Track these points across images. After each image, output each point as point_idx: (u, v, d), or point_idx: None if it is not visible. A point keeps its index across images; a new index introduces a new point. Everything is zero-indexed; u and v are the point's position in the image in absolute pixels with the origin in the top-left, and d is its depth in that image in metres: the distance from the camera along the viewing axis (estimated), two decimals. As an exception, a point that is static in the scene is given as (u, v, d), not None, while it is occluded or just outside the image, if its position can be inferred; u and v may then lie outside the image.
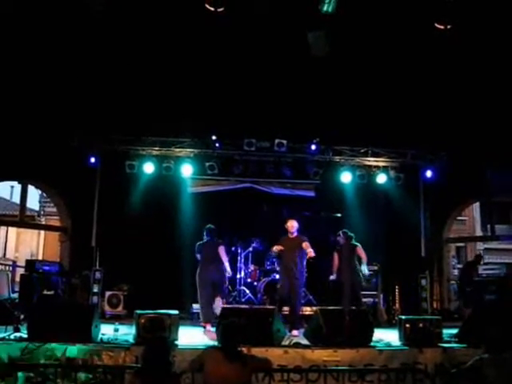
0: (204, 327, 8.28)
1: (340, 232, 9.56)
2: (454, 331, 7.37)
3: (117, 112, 10.76)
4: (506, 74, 9.93)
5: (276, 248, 8.79)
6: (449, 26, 7.85)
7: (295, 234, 8.76)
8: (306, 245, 8.49)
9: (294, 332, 8.13)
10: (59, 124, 10.75)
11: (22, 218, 13.29)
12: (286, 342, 6.88)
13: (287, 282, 8.57)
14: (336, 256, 9.40)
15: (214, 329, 7.77)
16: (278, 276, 9.87)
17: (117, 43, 9.72)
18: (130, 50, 9.94)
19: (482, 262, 11.96)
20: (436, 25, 7.90)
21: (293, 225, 8.76)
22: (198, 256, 8.69)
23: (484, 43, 9.40)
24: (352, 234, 9.48)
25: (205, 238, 8.76)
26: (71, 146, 10.67)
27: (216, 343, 5.44)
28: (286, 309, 8.78)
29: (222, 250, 8.65)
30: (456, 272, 13.80)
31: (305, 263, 8.64)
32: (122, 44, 9.77)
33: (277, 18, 9.15)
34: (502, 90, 10.35)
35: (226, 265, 8.66)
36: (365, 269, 9.33)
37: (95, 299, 10.13)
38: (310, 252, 8.38)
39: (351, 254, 9.27)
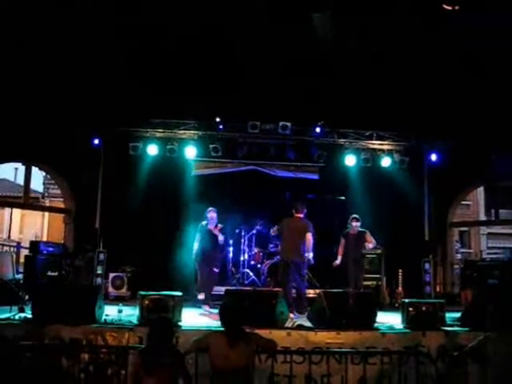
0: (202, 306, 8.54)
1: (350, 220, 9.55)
2: (457, 315, 7.37)
3: (121, 94, 10.68)
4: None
5: (273, 231, 9.31)
6: (456, 7, 7.76)
7: (301, 216, 8.79)
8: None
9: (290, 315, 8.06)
10: (63, 105, 10.70)
11: (26, 200, 13.30)
12: (289, 325, 6.90)
13: (286, 263, 8.62)
14: (342, 242, 9.45)
15: (214, 310, 7.85)
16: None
17: (120, 25, 9.64)
18: (133, 32, 9.87)
19: None
20: (444, 6, 7.82)
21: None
22: (198, 236, 8.94)
23: (490, 28, 9.27)
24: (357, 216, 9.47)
25: (206, 221, 9.03)
26: (75, 128, 10.65)
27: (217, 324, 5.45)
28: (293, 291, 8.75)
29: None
30: (459, 256, 13.78)
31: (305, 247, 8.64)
32: (124, 26, 9.69)
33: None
34: (507, 73, 10.23)
35: (221, 238, 8.95)
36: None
37: (99, 280, 10.15)
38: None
39: (358, 240, 9.30)
